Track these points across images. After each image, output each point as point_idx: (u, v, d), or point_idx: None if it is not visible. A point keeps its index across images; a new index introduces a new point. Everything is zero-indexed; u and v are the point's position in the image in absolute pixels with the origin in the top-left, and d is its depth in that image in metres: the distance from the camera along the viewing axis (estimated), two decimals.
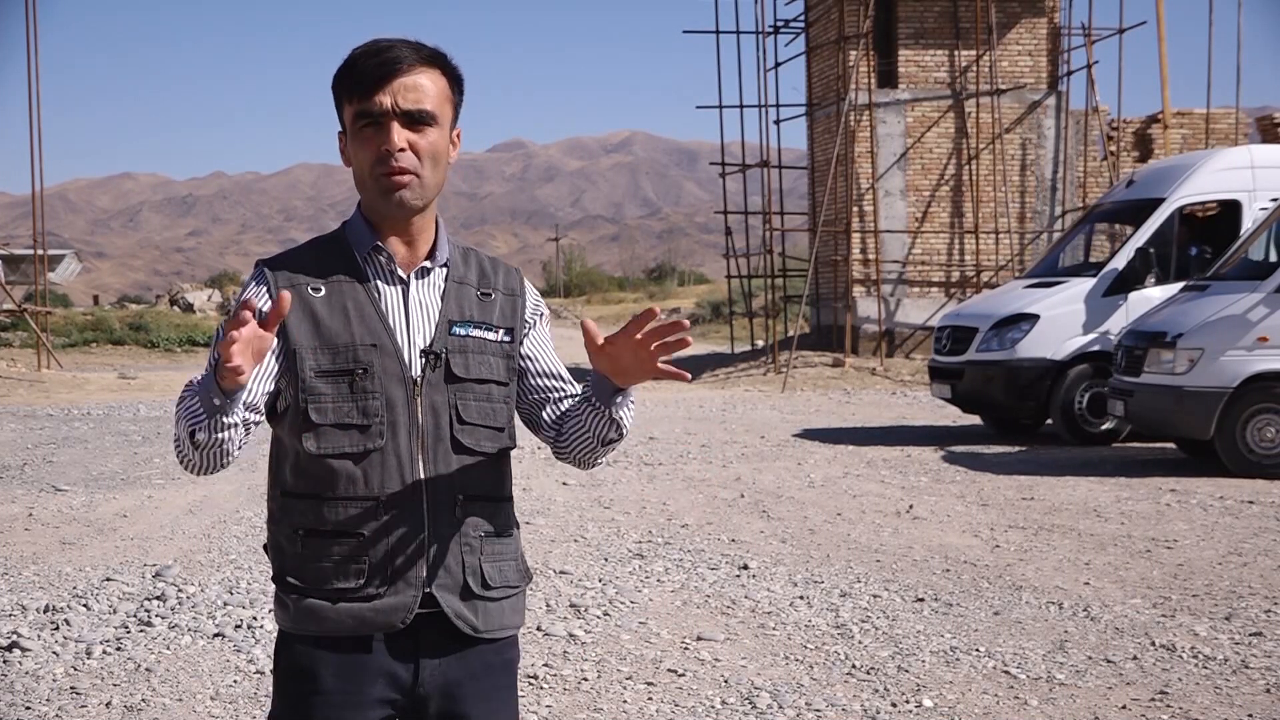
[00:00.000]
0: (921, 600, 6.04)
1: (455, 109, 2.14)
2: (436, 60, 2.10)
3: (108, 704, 4.62)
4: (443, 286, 2.15)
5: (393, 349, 2.08)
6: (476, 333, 2.14)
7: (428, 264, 2.14)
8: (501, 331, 2.18)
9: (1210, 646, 5.21)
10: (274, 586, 2.14)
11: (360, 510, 2.05)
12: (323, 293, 2.08)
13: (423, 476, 2.07)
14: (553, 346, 2.30)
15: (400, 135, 2.04)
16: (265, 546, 2.18)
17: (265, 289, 2.07)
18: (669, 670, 4.97)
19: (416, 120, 2.06)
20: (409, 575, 2.06)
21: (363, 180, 2.09)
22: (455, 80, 2.14)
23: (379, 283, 2.11)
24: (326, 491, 2.06)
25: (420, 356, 2.09)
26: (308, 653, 2.09)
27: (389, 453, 2.06)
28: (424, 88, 2.06)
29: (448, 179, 2.21)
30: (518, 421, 2.24)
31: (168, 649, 5.28)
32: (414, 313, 2.11)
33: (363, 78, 2.05)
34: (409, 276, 2.12)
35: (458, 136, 2.17)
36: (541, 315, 2.26)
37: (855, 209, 21.67)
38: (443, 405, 2.10)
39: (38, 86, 21.18)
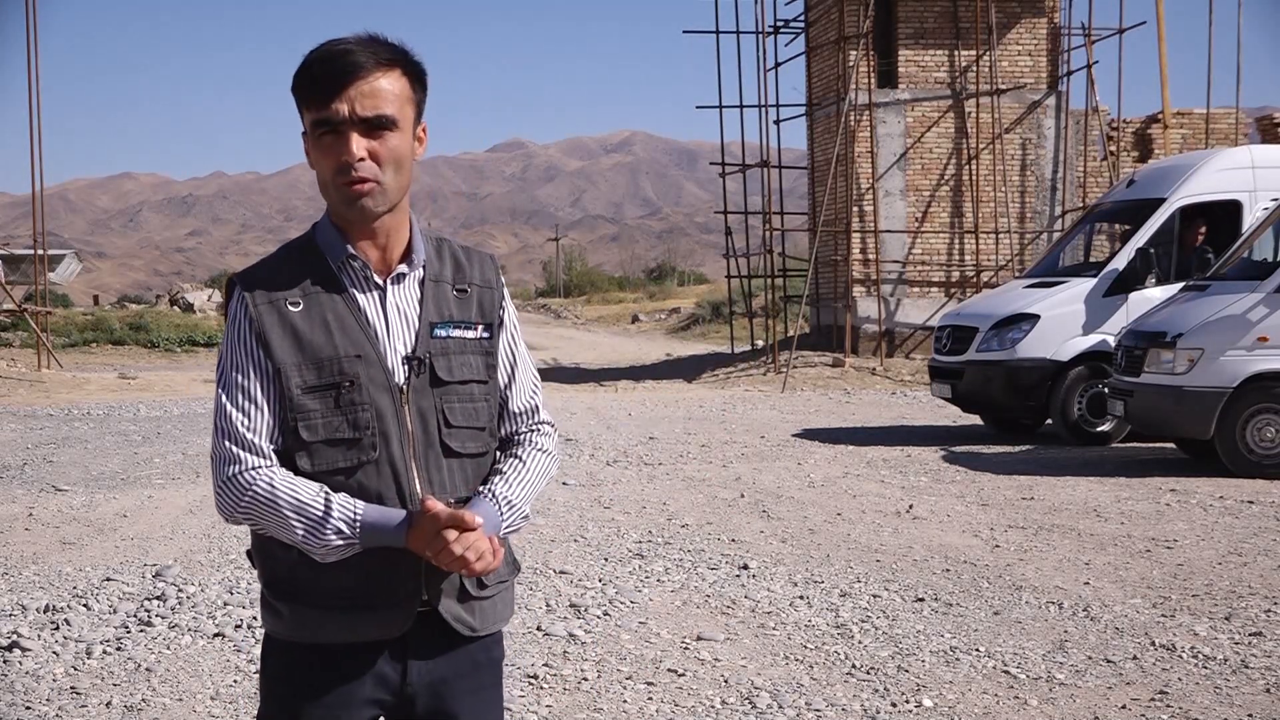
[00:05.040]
0: (921, 600, 6.04)
1: (418, 107, 2.09)
2: (395, 60, 2.04)
3: (108, 704, 4.62)
4: (419, 288, 2.12)
5: (376, 358, 2.05)
6: (456, 333, 2.12)
7: (404, 268, 2.10)
8: (480, 328, 2.15)
9: (1210, 646, 5.21)
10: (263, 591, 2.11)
11: None
12: (301, 306, 2.04)
13: (417, 484, 2.06)
14: (523, 357, 2.25)
15: (359, 144, 1.99)
16: (249, 553, 2.15)
17: (246, 315, 2.04)
18: (669, 670, 4.97)
19: (375, 126, 2.00)
20: (408, 585, 2.05)
21: (325, 187, 2.05)
22: (417, 78, 2.08)
23: (355, 291, 2.08)
24: None
25: (404, 364, 2.06)
26: (300, 656, 2.07)
27: (383, 463, 2.04)
28: (382, 92, 2.01)
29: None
30: None
31: (168, 649, 5.28)
32: (393, 318, 2.08)
33: (319, 84, 1.99)
34: (385, 282, 2.09)
35: (423, 132, 2.12)
36: (507, 312, 2.22)
37: (855, 209, 21.67)
38: (430, 410, 2.08)
39: (38, 86, 21.19)
